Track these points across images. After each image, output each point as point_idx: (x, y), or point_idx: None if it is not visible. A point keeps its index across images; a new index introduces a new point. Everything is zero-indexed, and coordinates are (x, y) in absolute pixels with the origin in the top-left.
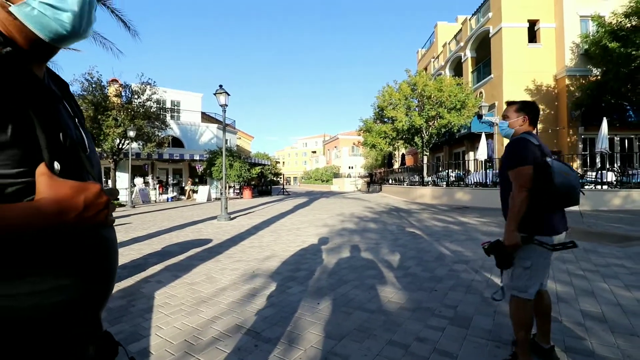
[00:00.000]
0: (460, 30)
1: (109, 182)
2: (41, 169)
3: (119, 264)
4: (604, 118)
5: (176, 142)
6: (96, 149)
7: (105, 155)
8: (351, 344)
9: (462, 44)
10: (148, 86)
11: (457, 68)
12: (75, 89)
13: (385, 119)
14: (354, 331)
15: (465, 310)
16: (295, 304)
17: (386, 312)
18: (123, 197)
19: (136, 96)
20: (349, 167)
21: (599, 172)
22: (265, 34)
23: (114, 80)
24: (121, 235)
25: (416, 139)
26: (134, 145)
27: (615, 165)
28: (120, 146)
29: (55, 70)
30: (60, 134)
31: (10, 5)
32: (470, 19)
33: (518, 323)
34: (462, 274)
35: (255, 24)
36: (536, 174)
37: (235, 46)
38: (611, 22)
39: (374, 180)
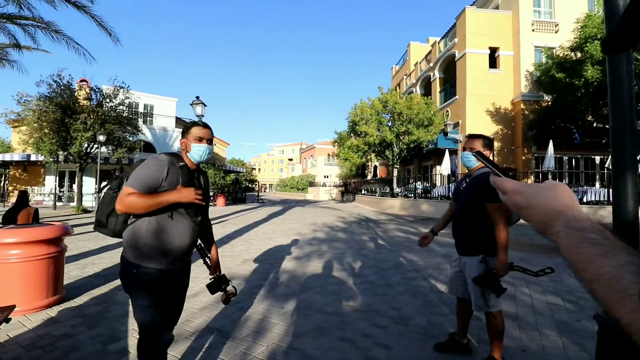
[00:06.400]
0: (430, 51)
1: (74, 186)
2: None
3: (92, 273)
4: (550, 140)
5: (148, 147)
6: (62, 153)
7: (71, 158)
8: (308, 340)
9: (431, 64)
10: (121, 90)
11: (427, 87)
12: (42, 90)
13: (359, 133)
14: (311, 330)
15: (408, 311)
16: (261, 308)
17: (341, 314)
18: (89, 202)
19: (107, 100)
20: (325, 176)
21: None
22: (248, 47)
23: (84, 81)
24: (91, 243)
25: (387, 153)
26: (103, 149)
27: (564, 182)
28: (88, 150)
29: (20, 71)
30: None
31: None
32: (439, 42)
33: (502, 331)
34: (412, 281)
35: (238, 34)
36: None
37: (215, 54)
38: (559, 55)
39: (348, 189)
